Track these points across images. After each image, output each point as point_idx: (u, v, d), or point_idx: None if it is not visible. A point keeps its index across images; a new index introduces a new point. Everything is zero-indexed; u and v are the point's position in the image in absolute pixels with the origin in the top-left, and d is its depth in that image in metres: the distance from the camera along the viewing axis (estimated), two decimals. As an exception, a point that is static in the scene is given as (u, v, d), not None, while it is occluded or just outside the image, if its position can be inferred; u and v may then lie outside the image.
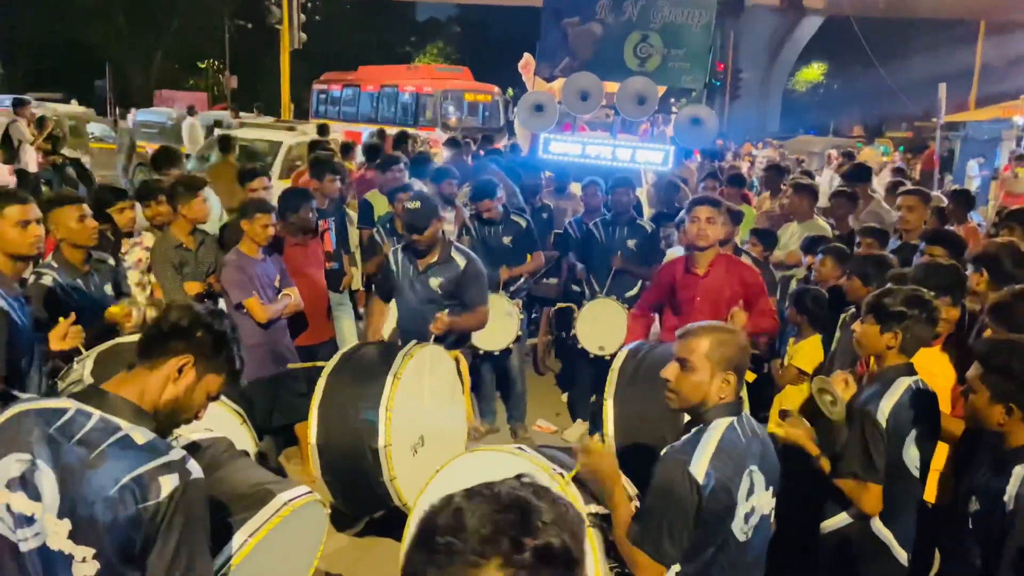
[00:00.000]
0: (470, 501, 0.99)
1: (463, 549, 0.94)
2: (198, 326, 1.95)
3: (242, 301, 4.30)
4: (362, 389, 3.50)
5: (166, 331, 1.93)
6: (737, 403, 2.30)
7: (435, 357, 3.84)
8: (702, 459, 2.15)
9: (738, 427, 2.26)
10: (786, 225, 6.22)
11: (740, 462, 2.20)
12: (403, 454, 3.47)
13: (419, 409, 3.65)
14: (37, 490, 1.75)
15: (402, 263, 4.40)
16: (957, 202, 6.68)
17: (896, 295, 2.85)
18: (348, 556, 4.06)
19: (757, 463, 2.25)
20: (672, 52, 8.48)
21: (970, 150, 19.35)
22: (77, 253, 3.72)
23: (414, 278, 4.32)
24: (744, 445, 2.24)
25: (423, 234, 4.20)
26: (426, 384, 3.71)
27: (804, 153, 21.96)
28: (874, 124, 41.10)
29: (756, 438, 2.30)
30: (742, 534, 2.22)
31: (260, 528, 2.19)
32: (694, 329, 2.34)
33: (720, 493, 2.14)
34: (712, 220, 3.90)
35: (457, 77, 21.62)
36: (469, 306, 4.33)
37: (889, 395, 2.75)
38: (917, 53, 32.64)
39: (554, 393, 6.60)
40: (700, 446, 2.19)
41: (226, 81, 31.01)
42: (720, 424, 2.24)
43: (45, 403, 1.85)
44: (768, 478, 2.29)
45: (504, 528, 0.94)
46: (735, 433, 2.24)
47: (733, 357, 2.27)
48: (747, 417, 2.33)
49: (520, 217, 5.96)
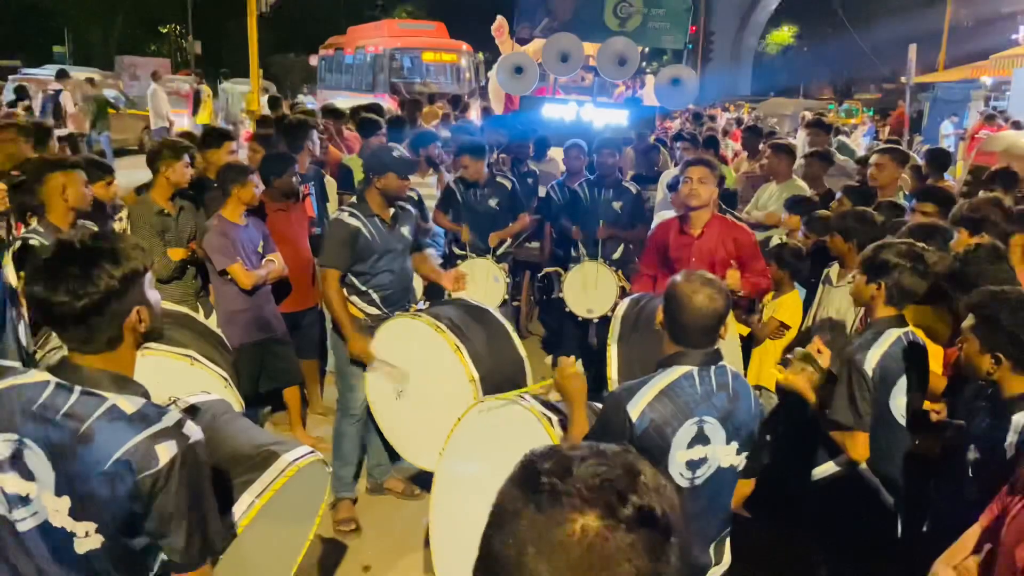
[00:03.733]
0: (578, 451, 0.99)
1: (568, 491, 0.93)
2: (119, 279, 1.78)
3: (226, 267, 4.25)
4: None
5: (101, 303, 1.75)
6: (702, 355, 2.31)
7: (404, 329, 3.85)
8: (642, 400, 2.23)
9: (697, 376, 2.28)
10: (765, 185, 6.25)
11: (685, 409, 2.24)
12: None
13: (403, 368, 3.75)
14: (28, 470, 1.71)
15: (374, 228, 4.14)
16: (934, 162, 6.75)
17: (887, 248, 2.90)
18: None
19: (716, 416, 2.27)
20: (652, 12, 8.44)
21: (939, 111, 19.54)
22: (66, 217, 3.69)
23: (388, 234, 4.16)
24: (698, 394, 2.26)
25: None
26: (412, 352, 3.76)
27: (777, 115, 22.06)
28: (843, 86, 41.36)
29: (723, 393, 2.31)
30: (683, 479, 2.26)
31: (266, 489, 2.19)
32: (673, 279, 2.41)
33: (652, 434, 2.21)
34: (704, 180, 3.93)
35: (421, 34, 19.28)
36: (420, 248, 4.42)
37: (877, 345, 2.82)
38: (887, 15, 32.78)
39: (539, 355, 6.63)
40: (645, 387, 2.27)
41: (190, 47, 30.25)
42: (675, 371, 2.29)
43: (23, 379, 1.78)
44: (732, 434, 2.31)
45: (611, 481, 0.94)
46: (690, 382, 2.27)
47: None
48: (721, 372, 2.33)
49: (505, 179, 5.92)
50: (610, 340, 3.44)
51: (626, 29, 8.36)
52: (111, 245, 1.78)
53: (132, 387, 1.79)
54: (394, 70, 17.97)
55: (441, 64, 18.42)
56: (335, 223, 4.06)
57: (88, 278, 1.72)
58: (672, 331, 2.35)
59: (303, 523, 2.47)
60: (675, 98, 8.19)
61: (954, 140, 16.40)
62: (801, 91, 37.25)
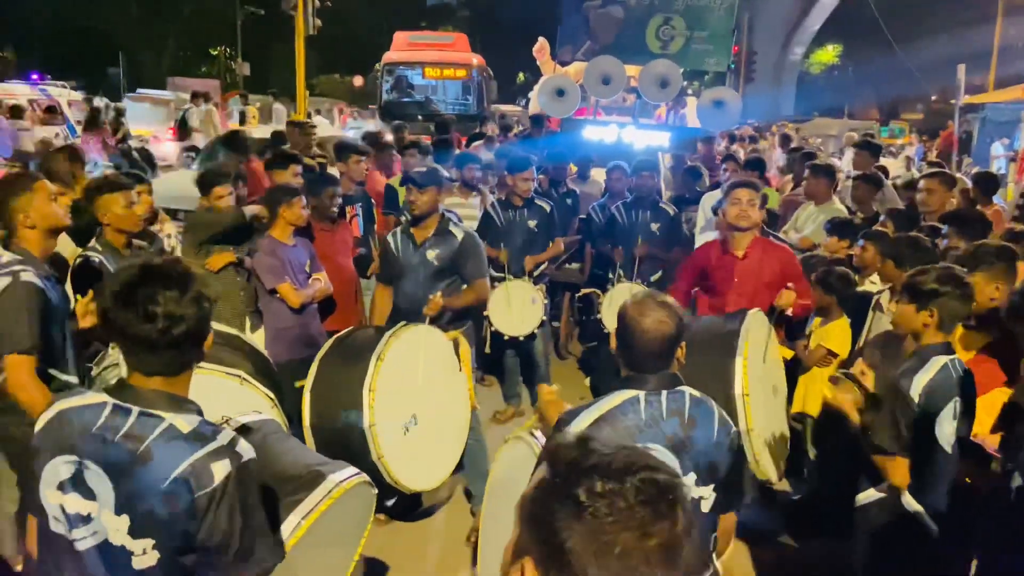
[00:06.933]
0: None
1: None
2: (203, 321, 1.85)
3: (275, 287, 4.34)
4: (349, 371, 3.54)
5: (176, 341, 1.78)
6: (654, 379, 2.23)
7: (429, 337, 3.84)
8: (582, 424, 2.17)
9: (643, 401, 2.19)
10: (804, 206, 6.19)
11: (625, 435, 2.12)
12: (392, 433, 3.50)
13: (410, 389, 3.67)
14: (90, 489, 1.76)
15: (401, 242, 4.41)
16: (981, 185, 6.62)
17: (929, 273, 2.87)
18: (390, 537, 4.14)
19: (664, 444, 2.15)
20: (695, 34, 8.46)
21: (989, 132, 19.12)
22: (120, 237, 3.79)
23: (412, 253, 4.30)
24: (642, 420, 2.17)
25: (422, 190, 4.21)
26: (420, 364, 3.72)
27: (821, 136, 21.79)
28: (889, 106, 40.71)
29: (674, 419, 2.19)
30: None
31: (313, 510, 2.22)
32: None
33: None
34: (752, 202, 3.95)
35: (432, 47, 16.20)
36: (468, 279, 4.33)
37: (924, 372, 2.78)
38: (934, 33, 32.24)
39: (577, 377, 6.62)
40: (588, 411, 2.21)
41: (238, 68, 31.01)
42: (619, 395, 2.22)
43: (81, 400, 1.83)
44: (688, 464, 2.17)
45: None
46: (635, 406, 2.19)
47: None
48: (676, 397, 2.22)
49: (544, 202, 5.96)
50: None
51: (668, 52, 8.40)
52: (193, 271, 1.83)
53: (187, 406, 1.83)
54: (390, 89, 15.43)
55: (446, 81, 15.72)
56: None
57: (187, 302, 1.76)
58: (624, 355, 2.28)
59: (348, 544, 2.49)
60: (718, 120, 8.17)
61: (1004, 162, 16.04)
62: (846, 111, 36.78)
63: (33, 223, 3.02)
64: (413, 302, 4.25)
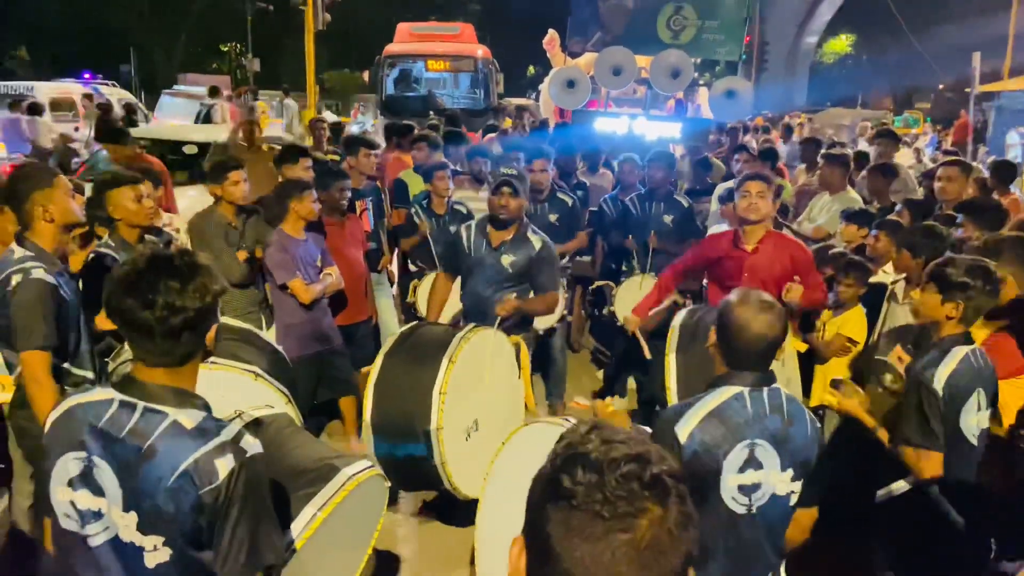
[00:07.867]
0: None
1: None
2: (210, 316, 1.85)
3: (286, 282, 4.34)
4: (418, 371, 3.51)
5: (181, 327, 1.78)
6: (754, 376, 2.26)
7: (496, 341, 3.78)
8: (690, 421, 2.18)
9: (748, 398, 2.22)
10: (818, 195, 6.14)
11: (736, 431, 2.18)
12: (455, 438, 3.47)
13: (475, 393, 3.63)
14: (99, 486, 1.76)
15: (474, 239, 4.28)
16: (998, 174, 6.54)
17: (959, 265, 2.82)
18: (400, 531, 4.15)
19: (769, 440, 2.20)
20: (707, 24, 8.37)
21: (1004, 120, 18.90)
22: (132, 232, 3.79)
23: (486, 254, 4.21)
24: (748, 416, 2.20)
25: (516, 196, 4.12)
26: (485, 368, 3.68)
27: (834, 126, 21.61)
28: (902, 95, 40.33)
29: (776, 416, 2.24)
30: (737, 505, 2.20)
31: (328, 502, 2.22)
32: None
33: (704, 457, 2.15)
34: (763, 195, 3.91)
35: (435, 39, 15.41)
36: (540, 289, 4.22)
37: (946, 363, 2.73)
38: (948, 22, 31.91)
39: (590, 371, 6.61)
40: (694, 408, 2.22)
41: (249, 64, 31.09)
42: (725, 391, 2.24)
43: (89, 396, 1.83)
44: (787, 460, 2.23)
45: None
46: (740, 403, 2.21)
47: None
48: (774, 394, 2.27)
49: (566, 195, 5.93)
50: (668, 350, 3.43)
51: (679, 41, 8.32)
52: (204, 261, 1.83)
53: (193, 400, 1.82)
54: (391, 82, 14.71)
55: (450, 74, 14.99)
56: None
57: (189, 293, 1.76)
58: (726, 353, 2.30)
59: (362, 536, 2.50)
60: (730, 110, 8.10)
61: (1020, 151, 15.84)
62: (859, 101, 36.44)
63: (52, 217, 3.04)
64: (478, 302, 4.20)
